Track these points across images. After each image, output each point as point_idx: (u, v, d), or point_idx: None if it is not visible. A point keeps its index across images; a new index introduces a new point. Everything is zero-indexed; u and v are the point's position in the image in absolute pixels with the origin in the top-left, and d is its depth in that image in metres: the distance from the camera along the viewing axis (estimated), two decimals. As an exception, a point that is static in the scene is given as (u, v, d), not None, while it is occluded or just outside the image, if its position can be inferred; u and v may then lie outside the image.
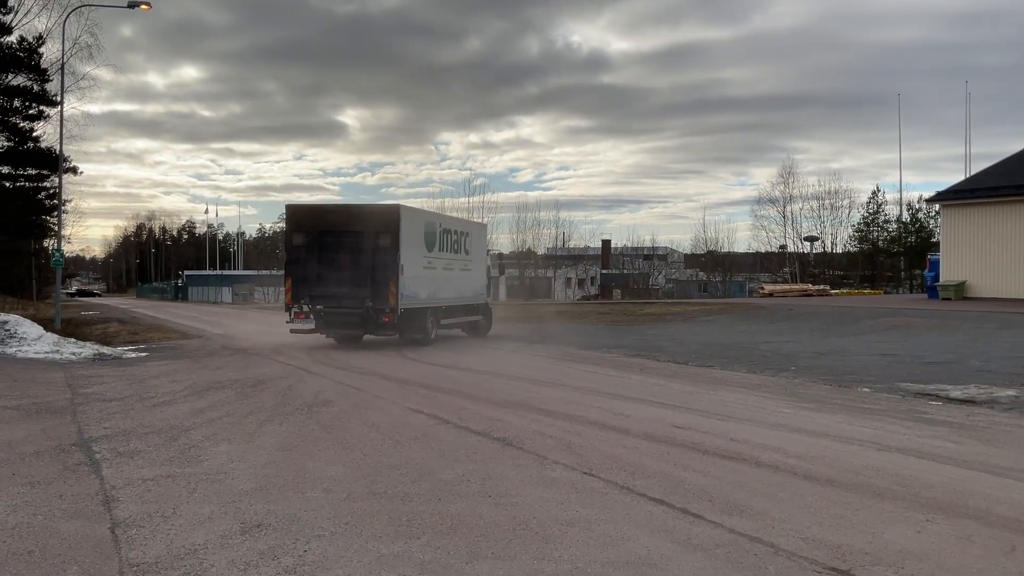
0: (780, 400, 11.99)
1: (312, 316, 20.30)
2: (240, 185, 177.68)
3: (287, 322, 20.89)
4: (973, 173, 45.26)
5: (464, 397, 12.38)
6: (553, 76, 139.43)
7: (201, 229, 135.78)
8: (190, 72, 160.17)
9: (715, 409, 11.21)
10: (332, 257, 20.01)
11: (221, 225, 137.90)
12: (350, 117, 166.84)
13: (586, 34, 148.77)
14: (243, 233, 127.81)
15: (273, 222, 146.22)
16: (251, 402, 12.03)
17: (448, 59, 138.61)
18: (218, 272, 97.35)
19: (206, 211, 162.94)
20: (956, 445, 8.61)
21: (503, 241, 72.66)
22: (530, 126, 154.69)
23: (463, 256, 23.31)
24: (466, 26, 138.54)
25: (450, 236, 22.37)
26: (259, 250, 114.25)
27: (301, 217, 21.31)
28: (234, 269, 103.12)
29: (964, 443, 8.73)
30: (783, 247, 70.13)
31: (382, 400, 12.13)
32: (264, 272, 79.75)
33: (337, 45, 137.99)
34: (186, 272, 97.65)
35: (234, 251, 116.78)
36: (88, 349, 21.11)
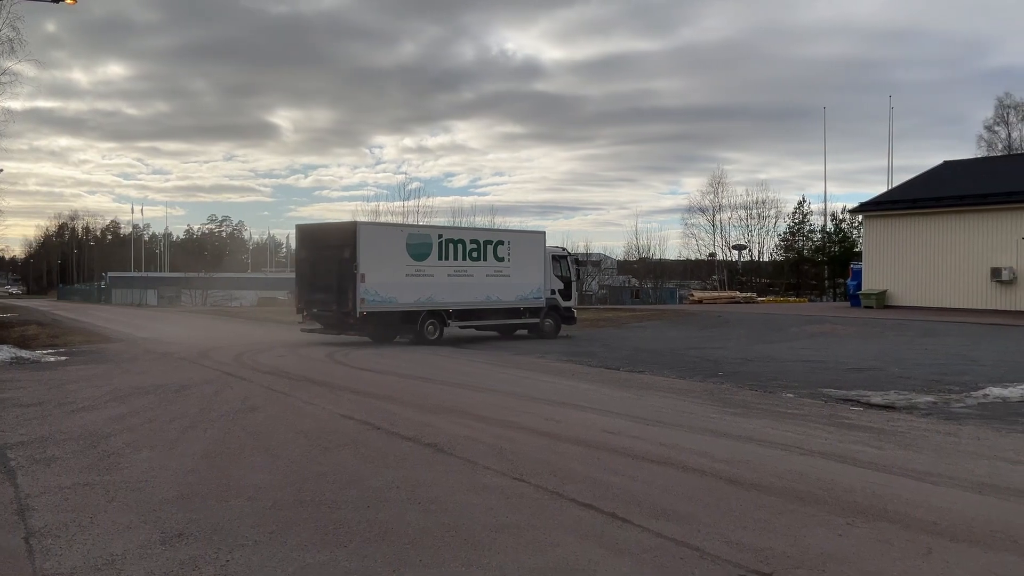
0: (708, 405, 12.17)
1: (313, 318, 23.53)
2: (167, 185, 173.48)
3: (299, 323, 24.29)
4: (895, 185, 46.78)
5: (395, 402, 12.28)
6: (488, 82, 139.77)
7: (126, 230, 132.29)
8: (116, 69, 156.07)
9: (645, 414, 11.33)
10: (320, 268, 23.31)
11: (147, 226, 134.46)
12: (282, 118, 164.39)
13: (520, 42, 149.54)
14: (170, 234, 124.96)
15: (202, 223, 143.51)
16: (175, 408, 11.73)
17: (383, 62, 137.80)
18: (143, 274, 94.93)
19: (131, 210, 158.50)
20: (876, 450, 8.85)
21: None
22: (465, 131, 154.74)
23: (491, 263, 24.99)
24: (401, 30, 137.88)
25: (462, 246, 24.35)
26: (187, 252, 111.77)
27: (303, 234, 25.05)
28: (160, 271, 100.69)
29: (884, 448, 8.97)
30: (712, 255, 71.40)
31: (311, 406, 11.95)
32: (192, 274, 78.00)
33: (269, 45, 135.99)
34: (110, 274, 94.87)
35: (160, 252, 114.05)
36: (4, 352, 20.32)
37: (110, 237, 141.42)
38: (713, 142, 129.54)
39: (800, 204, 70.00)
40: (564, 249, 29.02)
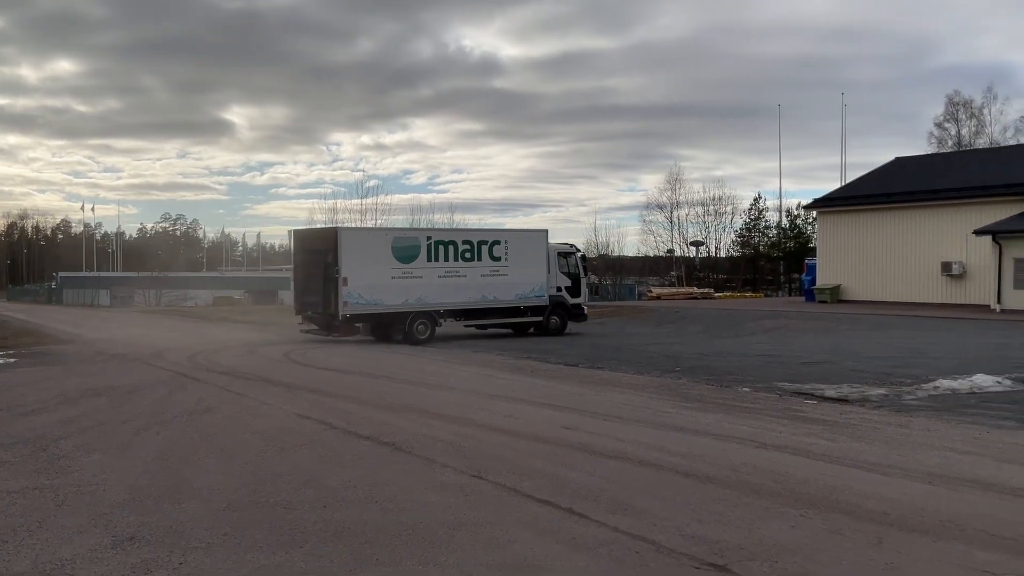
0: (665, 400, 12.27)
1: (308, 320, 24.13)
2: (119, 183, 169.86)
3: (298, 324, 24.72)
4: (848, 182, 47.50)
5: (354, 401, 12.20)
6: (446, 79, 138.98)
7: (78, 229, 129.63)
8: (65, 66, 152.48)
9: (603, 410, 11.38)
10: (312, 272, 23.91)
11: (99, 225, 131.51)
12: (237, 115, 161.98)
13: (478, 39, 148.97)
14: (123, 233, 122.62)
15: (156, 222, 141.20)
16: (127, 410, 11.54)
17: (340, 59, 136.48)
18: (96, 274, 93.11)
19: (81, 208, 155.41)
20: (829, 442, 8.98)
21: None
22: (423, 128, 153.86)
23: (487, 263, 25.12)
24: (358, 26, 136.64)
25: (453, 247, 24.65)
26: (140, 251, 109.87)
27: (297, 239, 26.22)
28: (113, 271, 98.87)
29: (837, 440, 9.11)
30: (671, 251, 71.92)
31: (268, 406, 11.83)
32: (145, 274, 76.64)
33: (223, 41, 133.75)
34: (61, 274, 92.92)
35: (113, 252, 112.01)
36: (-50, 355, 19.84)
37: (61, 236, 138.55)
38: (670, 139, 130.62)
39: (756, 201, 70.86)
40: (572, 246, 28.94)
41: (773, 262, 68.63)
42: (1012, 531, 5.75)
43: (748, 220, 70.57)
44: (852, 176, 49.64)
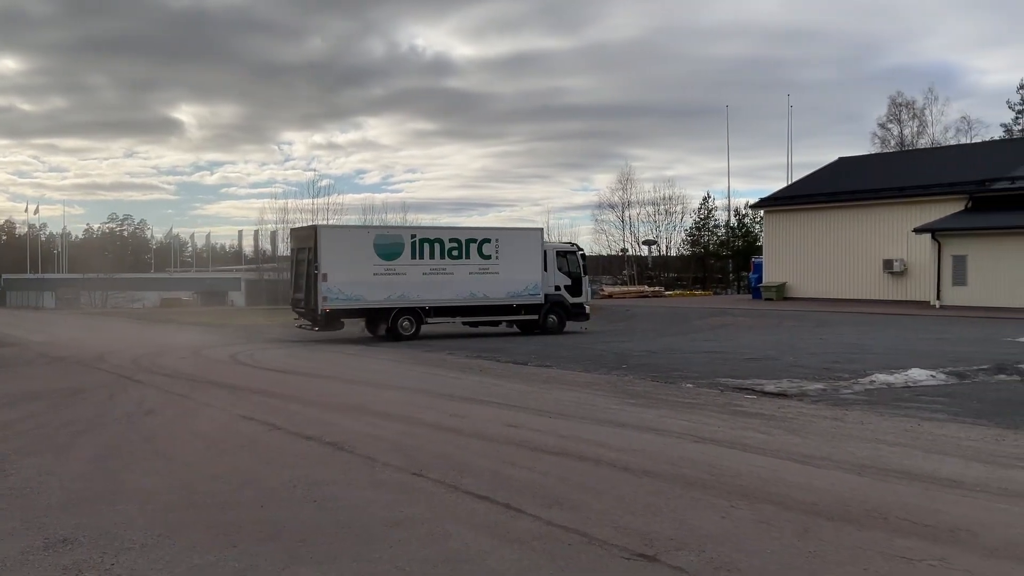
0: (610, 397, 12.42)
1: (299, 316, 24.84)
2: (65, 183, 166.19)
3: (293, 320, 25.56)
4: (793, 181, 48.33)
5: (299, 402, 12.16)
6: (398, 78, 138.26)
7: (22, 230, 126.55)
8: (8, 64, 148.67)
9: (549, 407, 11.49)
10: (300, 269, 24.87)
11: (44, 225, 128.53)
12: (185, 114, 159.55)
13: (430, 38, 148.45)
14: (69, 234, 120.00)
15: (102, 222, 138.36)
16: (67, 413, 11.37)
17: (290, 57, 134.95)
18: (40, 275, 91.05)
19: (26, 209, 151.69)
20: (765, 436, 9.19)
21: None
22: (376, 128, 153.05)
23: (475, 261, 25.30)
24: (308, 25, 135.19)
25: (439, 245, 24.92)
26: (86, 252, 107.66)
27: (293, 237, 27.06)
28: (58, 272, 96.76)
29: (773, 434, 9.32)
30: (623, 250, 72.52)
31: (211, 408, 11.73)
32: (91, 275, 75.18)
33: (171, 39, 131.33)
34: (5, 275, 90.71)
35: (58, 253, 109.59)
36: None
37: (4, 237, 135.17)
38: (623, 139, 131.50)
39: (705, 200, 71.72)
40: (573, 245, 28.97)
41: (722, 261, 69.54)
42: (933, 519, 5.96)
43: (698, 219, 71.45)
44: (798, 176, 50.56)
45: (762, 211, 44.14)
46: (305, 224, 28.76)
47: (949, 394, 12.11)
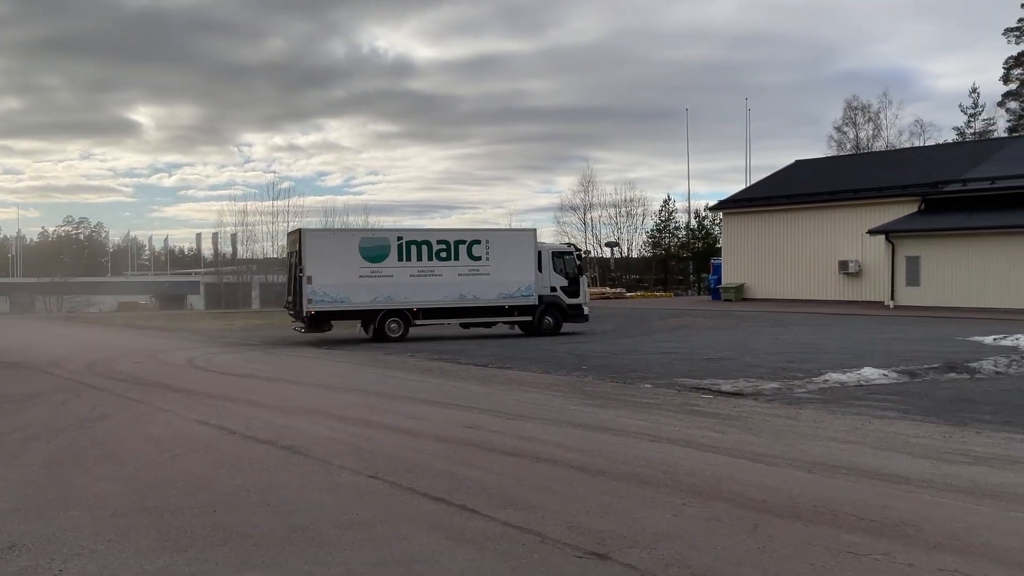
0: (569, 398, 12.49)
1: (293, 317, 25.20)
2: (20, 186, 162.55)
3: (291, 322, 25.92)
4: (751, 184, 48.91)
5: (255, 406, 12.06)
6: (360, 80, 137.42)
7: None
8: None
9: (508, 409, 11.53)
10: (290, 272, 25.69)
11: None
12: (143, 115, 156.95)
13: (391, 40, 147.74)
14: (23, 237, 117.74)
15: (58, 225, 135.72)
16: (18, 419, 11.17)
17: (249, 58, 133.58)
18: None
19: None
20: (720, 434, 9.30)
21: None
22: (337, 130, 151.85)
23: (465, 262, 25.21)
24: (268, 26, 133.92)
25: (427, 247, 24.95)
26: (42, 255, 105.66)
27: (288, 241, 27.80)
28: (12, 276, 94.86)
29: (728, 432, 9.44)
30: (587, 252, 72.96)
31: (165, 413, 11.59)
32: (47, 279, 73.80)
33: (128, 39, 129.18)
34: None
35: (12, 256, 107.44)
36: None
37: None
38: (585, 142, 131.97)
39: (666, 202, 72.39)
40: (571, 246, 28.76)
41: (683, 262, 70.20)
42: (880, 514, 6.08)
43: (659, 222, 72.10)
44: (756, 178, 51.20)
45: (721, 213, 44.63)
46: (295, 228, 29.04)
47: (900, 392, 12.34)
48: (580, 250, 28.43)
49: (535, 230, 27.84)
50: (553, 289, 26.18)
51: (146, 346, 24.37)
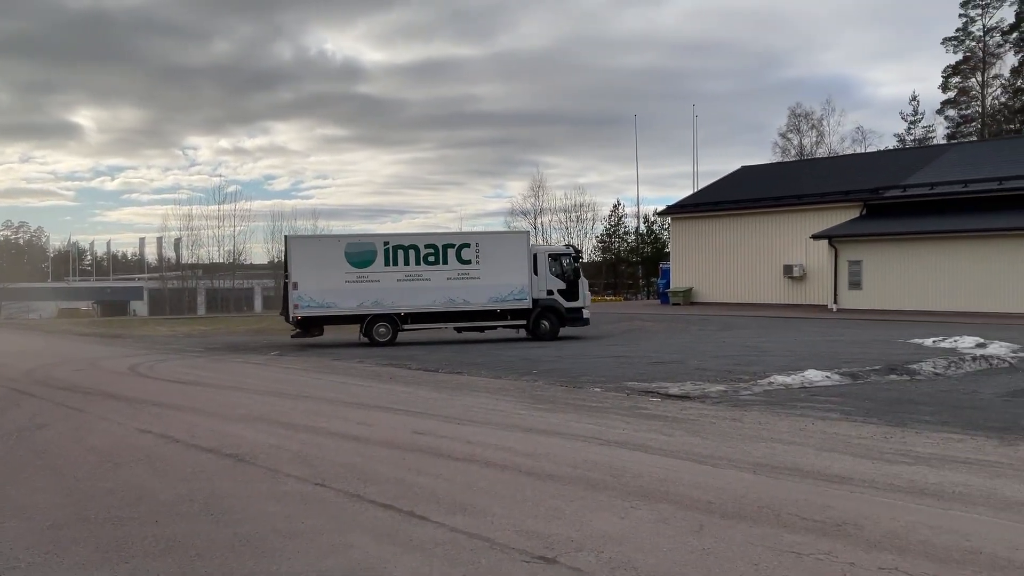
0: (519, 402, 12.50)
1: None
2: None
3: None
4: (699, 189, 49.52)
5: (199, 414, 11.86)
6: (307, 83, 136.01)
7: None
8: None
9: (457, 414, 11.50)
10: (281, 279, 26.39)
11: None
12: (85, 117, 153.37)
13: (339, 43, 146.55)
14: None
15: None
16: (-50, 429, 10.82)
17: (194, 60, 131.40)
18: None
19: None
20: (667, 437, 9.39)
21: (257, 251, 69.94)
22: (285, 133, 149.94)
23: (454, 266, 25.06)
24: (213, 28, 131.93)
25: (414, 251, 24.97)
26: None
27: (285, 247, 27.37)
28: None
29: (674, 435, 9.53)
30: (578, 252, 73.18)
31: (107, 421, 11.34)
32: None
33: (70, 41, 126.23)
34: None
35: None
36: None
37: None
38: (535, 147, 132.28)
39: (615, 207, 73.03)
40: (570, 247, 28.05)
41: (632, 266, 70.80)
42: (822, 514, 6.19)
43: (608, 226, 72.69)
44: (704, 184, 51.86)
45: (669, 218, 45.13)
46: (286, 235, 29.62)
47: (842, 394, 12.59)
48: (579, 251, 27.80)
49: (528, 232, 27.59)
50: (550, 292, 25.68)
51: (87, 353, 23.83)
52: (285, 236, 26.26)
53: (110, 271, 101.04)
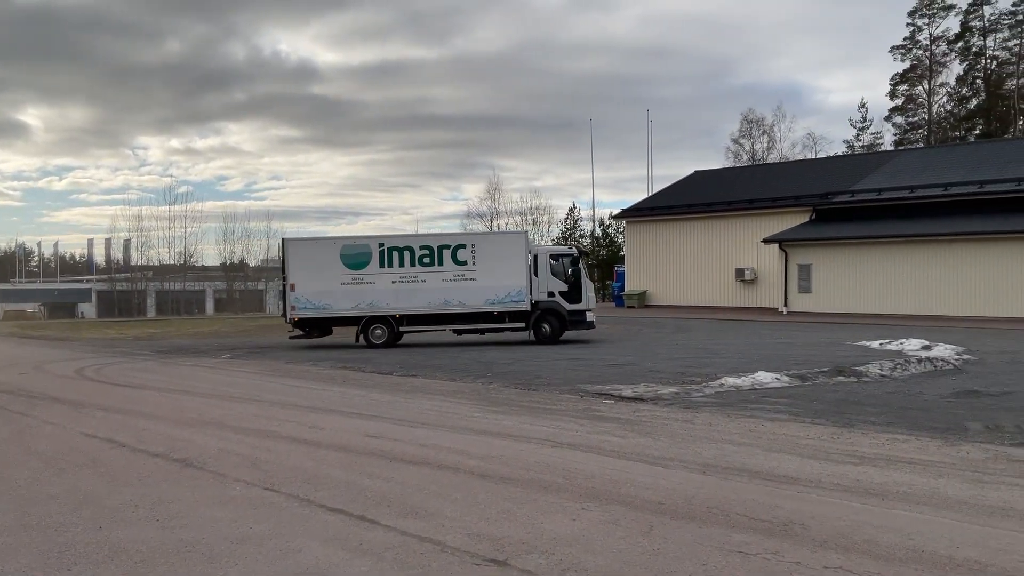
0: (473, 405, 12.49)
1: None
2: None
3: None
4: (653, 193, 49.93)
5: (147, 418, 11.65)
6: (261, 83, 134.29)
7: None
8: None
9: (411, 416, 11.45)
10: (281, 282, 26.03)
11: None
12: (32, 116, 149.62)
13: (294, 44, 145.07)
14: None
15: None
16: None
17: (145, 59, 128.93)
18: None
19: None
20: (620, 439, 9.45)
21: (209, 253, 68.97)
22: (238, 134, 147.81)
23: (449, 267, 24.56)
24: (165, 27, 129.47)
25: (409, 252, 24.68)
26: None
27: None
28: None
29: (627, 437, 9.60)
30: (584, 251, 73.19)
31: (51, 426, 11.09)
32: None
33: (16, 38, 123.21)
34: None
35: None
36: None
37: None
38: (492, 150, 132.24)
39: (571, 210, 73.29)
40: (573, 247, 26.78)
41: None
42: (769, 514, 6.28)
43: (564, 229, 72.83)
44: (658, 187, 52.27)
45: (624, 221, 45.43)
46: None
47: (791, 395, 12.78)
48: (584, 252, 26.39)
49: (526, 232, 26.83)
50: (551, 294, 24.64)
51: (33, 356, 23.29)
52: (282, 238, 26.13)
53: (57, 273, 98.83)
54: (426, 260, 24.74)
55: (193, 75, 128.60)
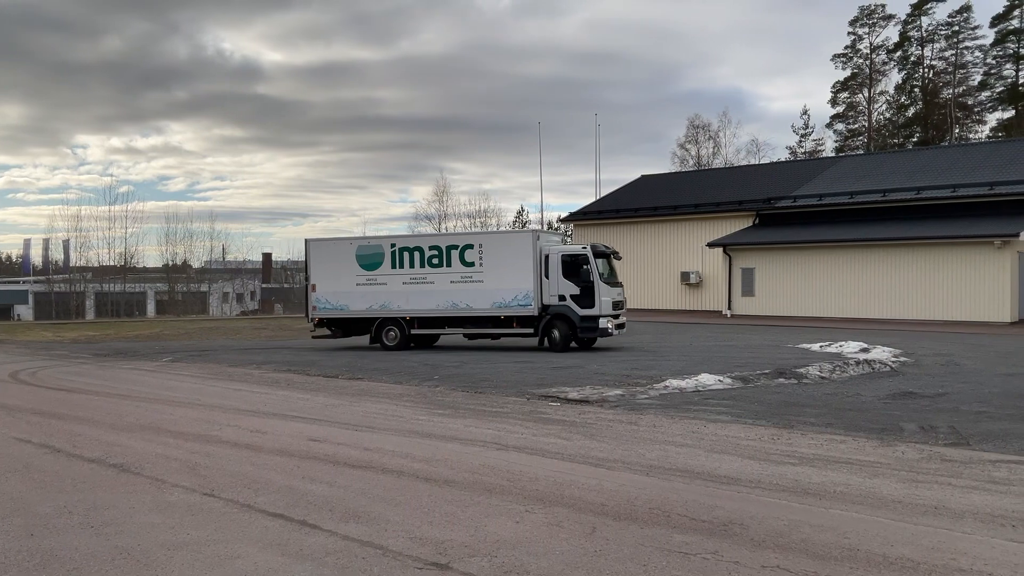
0: (419, 408, 12.43)
1: None
2: None
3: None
4: (601, 196, 50.29)
5: (84, 423, 11.37)
6: (204, 82, 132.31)
7: None
8: None
9: (355, 420, 11.35)
10: (304, 282, 27.11)
11: None
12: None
13: (237, 43, 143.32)
14: None
15: None
16: None
17: (85, 57, 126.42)
18: None
19: None
20: (565, 441, 9.49)
21: (150, 254, 67.67)
22: (180, 133, 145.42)
23: (457, 269, 23.70)
24: (105, 24, 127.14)
25: (419, 253, 24.20)
26: None
27: None
28: None
29: (572, 439, 9.64)
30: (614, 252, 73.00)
31: (-18, 431, 10.76)
32: None
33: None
34: None
35: None
36: None
37: None
38: (439, 152, 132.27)
39: (519, 213, 73.71)
40: (586, 247, 23.58)
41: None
42: (709, 514, 6.35)
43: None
44: (606, 191, 52.67)
45: (572, 225, 45.68)
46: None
47: (734, 397, 12.96)
48: (612, 251, 24.20)
49: (534, 232, 24.88)
50: (562, 298, 22.51)
51: (-37, 360, 22.57)
52: (305, 239, 26.38)
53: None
54: (435, 261, 23.95)
55: (134, 73, 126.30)
